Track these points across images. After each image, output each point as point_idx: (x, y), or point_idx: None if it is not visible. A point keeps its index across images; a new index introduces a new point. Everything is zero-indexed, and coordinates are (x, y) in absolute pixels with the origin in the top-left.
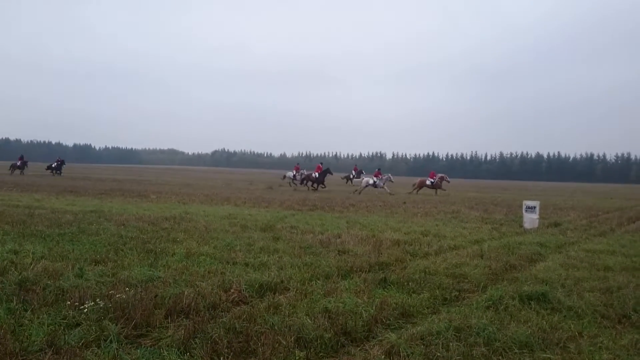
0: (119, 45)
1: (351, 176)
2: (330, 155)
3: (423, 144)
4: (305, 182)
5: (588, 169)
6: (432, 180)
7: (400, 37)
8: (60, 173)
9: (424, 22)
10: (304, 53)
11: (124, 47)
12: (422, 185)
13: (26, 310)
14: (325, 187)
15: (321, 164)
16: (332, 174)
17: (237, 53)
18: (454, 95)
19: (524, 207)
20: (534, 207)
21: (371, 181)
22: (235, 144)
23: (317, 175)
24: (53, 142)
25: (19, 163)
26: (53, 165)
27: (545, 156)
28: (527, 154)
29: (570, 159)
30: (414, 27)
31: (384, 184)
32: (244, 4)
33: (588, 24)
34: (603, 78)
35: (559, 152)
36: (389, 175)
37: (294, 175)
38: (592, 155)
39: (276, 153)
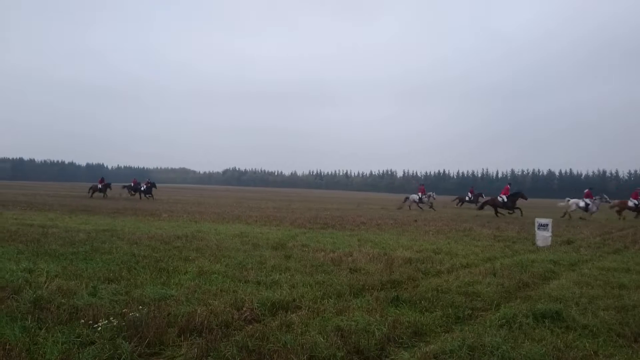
0: (129, 70)
1: (467, 198)
2: (341, 173)
3: (434, 162)
4: (493, 208)
5: (601, 186)
6: (637, 202)
7: (408, 58)
8: (149, 196)
9: (429, 43)
10: (309, 73)
11: (136, 71)
12: (623, 207)
13: (41, 329)
14: (512, 212)
15: (509, 184)
16: (526, 199)
17: (242, 74)
18: (464, 113)
19: (536, 224)
20: (547, 225)
21: (582, 204)
22: (246, 163)
23: (504, 199)
24: (66, 162)
25: (100, 186)
26: (142, 188)
27: (557, 173)
28: (538, 171)
29: (583, 176)
30: (421, 47)
31: (597, 207)
32: (244, 27)
33: (597, 41)
34: (615, 94)
35: (570, 169)
36: (602, 194)
37: (420, 198)
38: (604, 172)
39: (287, 172)
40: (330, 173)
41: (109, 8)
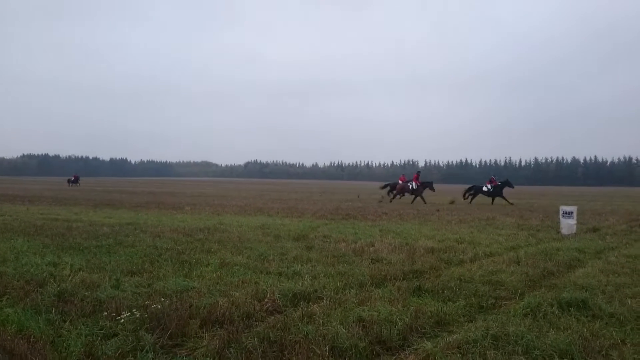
0: (148, 63)
1: None
2: (363, 164)
3: (455, 150)
4: None
5: (626, 173)
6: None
7: (422, 44)
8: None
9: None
10: (322, 63)
11: (153, 65)
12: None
13: (65, 321)
14: None
15: None
16: None
17: (255, 66)
18: (487, 101)
19: (560, 212)
20: (571, 213)
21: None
22: (267, 155)
23: None
24: (90, 157)
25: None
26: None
27: (581, 160)
28: (562, 158)
29: (608, 162)
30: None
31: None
32: (256, 24)
33: (624, 23)
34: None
35: (595, 156)
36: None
37: None
38: (630, 158)
39: (308, 164)
40: (351, 164)
41: (118, 9)
